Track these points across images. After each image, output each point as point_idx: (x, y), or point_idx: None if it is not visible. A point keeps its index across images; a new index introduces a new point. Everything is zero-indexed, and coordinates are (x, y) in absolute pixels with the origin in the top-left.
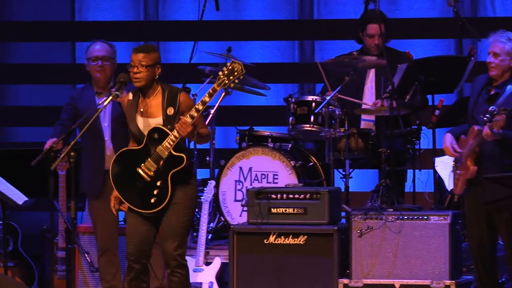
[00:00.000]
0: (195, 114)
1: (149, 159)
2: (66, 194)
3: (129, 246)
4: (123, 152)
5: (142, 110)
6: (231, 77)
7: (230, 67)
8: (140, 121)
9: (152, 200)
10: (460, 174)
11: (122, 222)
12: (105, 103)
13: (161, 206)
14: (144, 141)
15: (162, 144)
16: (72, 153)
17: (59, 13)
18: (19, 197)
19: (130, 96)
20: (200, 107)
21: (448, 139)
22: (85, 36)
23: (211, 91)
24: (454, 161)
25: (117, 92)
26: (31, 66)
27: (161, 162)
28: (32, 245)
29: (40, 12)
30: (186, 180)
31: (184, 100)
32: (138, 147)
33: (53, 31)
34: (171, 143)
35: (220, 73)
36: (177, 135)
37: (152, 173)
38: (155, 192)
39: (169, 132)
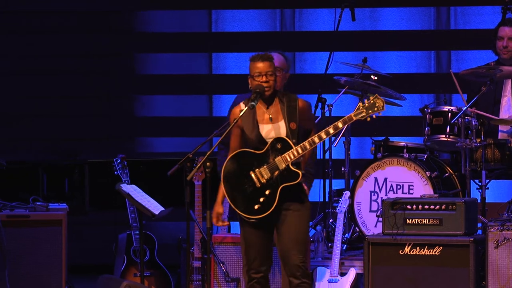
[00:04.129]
0: (322, 137)
1: (265, 166)
2: (202, 204)
3: (249, 261)
4: (241, 153)
5: (270, 116)
6: (370, 111)
7: (372, 101)
8: (262, 128)
9: (256, 207)
10: None
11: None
12: (241, 113)
13: (262, 215)
14: (265, 148)
15: (283, 155)
16: (208, 163)
17: (197, 25)
18: (156, 207)
19: (242, 106)
20: (331, 131)
21: None
22: (221, 47)
23: (346, 119)
24: None
25: (252, 103)
26: (169, 77)
27: (276, 173)
28: (168, 255)
29: (179, 24)
30: (301, 190)
31: (302, 108)
32: (258, 152)
33: (191, 42)
34: (292, 157)
35: (360, 104)
36: (300, 151)
37: (264, 180)
38: (261, 199)
39: (293, 146)
